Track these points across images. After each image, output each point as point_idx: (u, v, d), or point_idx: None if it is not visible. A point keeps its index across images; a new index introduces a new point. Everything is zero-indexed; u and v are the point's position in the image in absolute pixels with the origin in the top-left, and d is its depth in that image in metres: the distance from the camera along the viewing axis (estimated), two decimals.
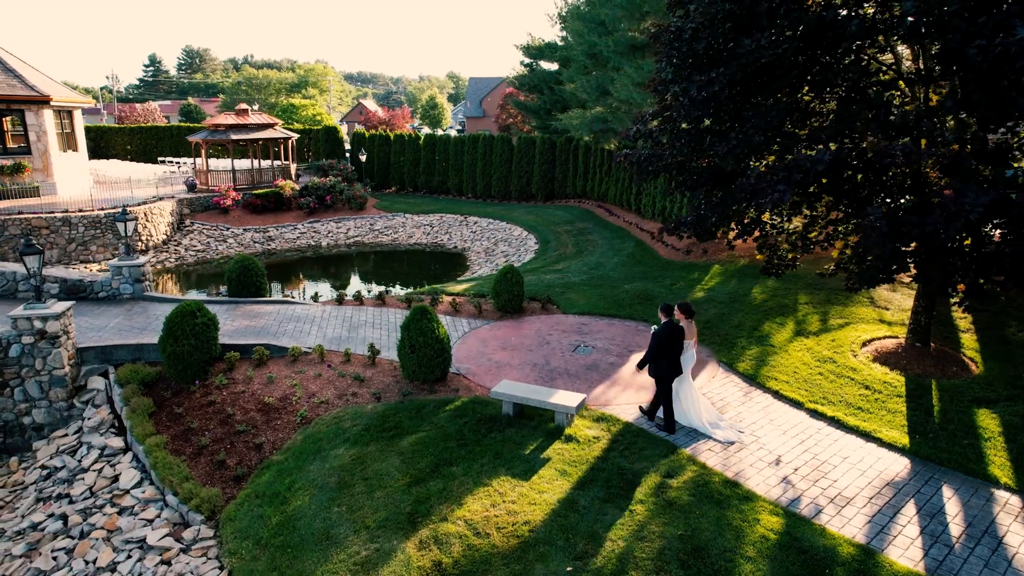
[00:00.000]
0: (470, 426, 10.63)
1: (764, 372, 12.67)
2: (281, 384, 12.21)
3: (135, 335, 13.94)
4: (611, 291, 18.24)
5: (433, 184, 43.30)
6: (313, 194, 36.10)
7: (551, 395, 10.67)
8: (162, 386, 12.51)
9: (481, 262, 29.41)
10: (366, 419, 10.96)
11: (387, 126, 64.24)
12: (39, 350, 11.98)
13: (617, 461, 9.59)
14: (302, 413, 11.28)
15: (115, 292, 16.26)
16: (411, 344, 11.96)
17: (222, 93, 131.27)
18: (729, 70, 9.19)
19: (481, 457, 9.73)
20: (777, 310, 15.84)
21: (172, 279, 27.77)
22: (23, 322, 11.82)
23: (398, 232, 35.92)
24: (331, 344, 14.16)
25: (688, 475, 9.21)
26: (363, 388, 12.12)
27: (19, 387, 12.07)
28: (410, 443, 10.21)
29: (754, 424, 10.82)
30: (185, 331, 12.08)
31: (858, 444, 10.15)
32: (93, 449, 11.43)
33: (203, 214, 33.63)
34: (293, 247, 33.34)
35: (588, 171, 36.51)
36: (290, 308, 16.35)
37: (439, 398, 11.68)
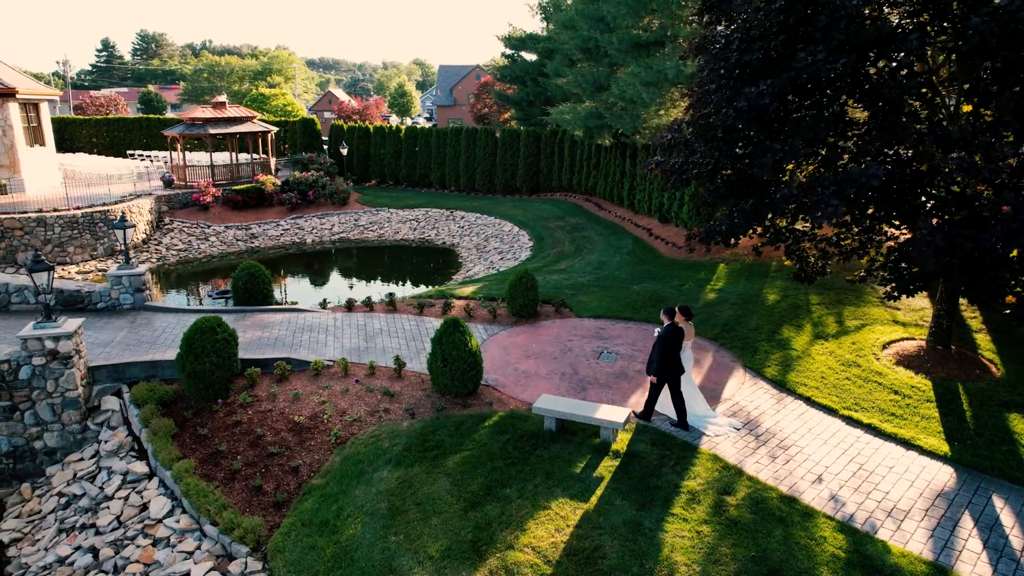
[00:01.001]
0: (513, 443, 10.45)
1: (792, 378, 12.74)
2: (309, 401, 11.84)
3: (146, 351, 13.37)
4: (621, 292, 18.17)
5: (415, 177, 42.71)
6: (295, 189, 35.26)
7: (595, 410, 10.55)
8: (181, 405, 12.02)
9: (474, 259, 29.11)
10: (405, 438, 10.69)
11: (360, 116, 63.03)
12: (51, 371, 11.38)
13: (670, 477, 9.53)
14: (336, 432, 10.95)
15: (115, 303, 15.57)
16: (443, 357, 11.71)
17: (182, 80, 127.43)
18: (779, 82, 9.10)
19: (533, 477, 9.57)
20: (792, 311, 15.96)
21: (155, 280, 26.82)
22: (33, 342, 11.20)
23: (384, 228, 35.34)
24: (350, 355, 13.80)
25: (744, 491, 9.20)
26: (394, 404, 11.82)
27: (30, 410, 11.46)
28: (456, 463, 9.99)
29: (794, 434, 10.87)
30: (206, 348, 11.61)
31: (900, 453, 10.26)
32: (115, 475, 10.93)
33: (182, 211, 32.58)
34: (277, 245, 32.56)
35: (575, 165, 36.40)
36: (300, 316, 15.89)
37: (475, 413, 11.46)
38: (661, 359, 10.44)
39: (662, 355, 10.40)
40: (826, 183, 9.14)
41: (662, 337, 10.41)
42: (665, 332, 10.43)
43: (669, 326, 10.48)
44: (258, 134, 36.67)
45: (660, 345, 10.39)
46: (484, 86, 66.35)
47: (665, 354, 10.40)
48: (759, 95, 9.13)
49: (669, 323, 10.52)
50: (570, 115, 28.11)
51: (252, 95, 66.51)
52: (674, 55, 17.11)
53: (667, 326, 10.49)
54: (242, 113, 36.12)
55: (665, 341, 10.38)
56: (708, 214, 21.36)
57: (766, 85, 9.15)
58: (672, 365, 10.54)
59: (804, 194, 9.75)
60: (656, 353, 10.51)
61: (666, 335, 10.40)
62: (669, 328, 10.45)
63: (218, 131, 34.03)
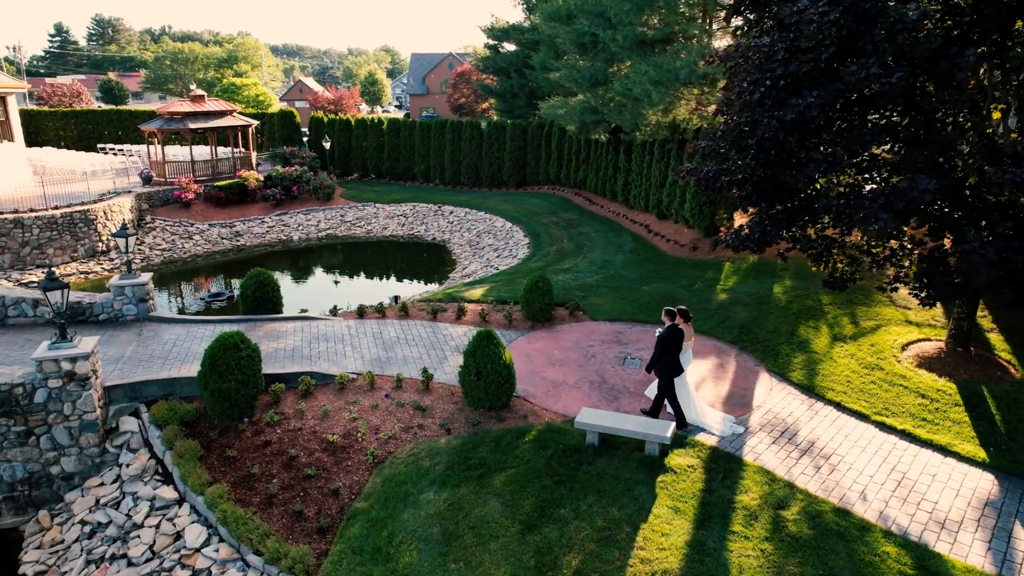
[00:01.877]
0: (557, 459, 10.31)
1: (819, 382, 12.82)
2: (339, 418, 11.53)
3: (160, 367, 12.86)
4: (632, 294, 18.11)
5: (398, 171, 42.03)
6: (279, 185, 34.40)
7: (640, 424, 10.46)
8: (204, 425, 11.59)
9: (468, 256, 28.79)
10: (445, 456, 10.47)
11: (335, 107, 61.83)
12: (68, 393, 10.85)
13: (722, 492, 9.50)
14: (372, 451, 10.67)
15: (118, 314, 14.96)
16: (478, 371, 11.50)
17: (144, 68, 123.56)
18: (827, 93, 9.03)
19: (585, 496, 9.45)
20: (806, 312, 16.09)
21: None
22: (49, 364, 10.65)
23: (371, 223, 34.73)
24: (371, 366, 13.49)
25: (797, 505, 9.21)
26: (427, 419, 11.58)
27: (46, 435, 10.93)
28: (502, 482, 9.82)
29: (832, 441, 10.94)
30: (230, 366, 11.19)
31: (938, 460, 10.39)
32: (141, 501, 10.50)
33: (163, 209, 31.54)
34: (263, 242, 31.75)
35: (563, 158, 36.18)
36: (312, 325, 15.47)
37: (511, 427, 11.29)
38: (658, 356, 10.87)
39: (662, 354, 10.81)
40: (874, 196, 9.13)
41: (663, 337, 10.81)
42: (666, 332, 10.82)
43: (670, 327, 10.85)
44: (238, 128, 35.62)
45: (661, 344, 10.78)
46: (462, 75, 65.68)
47: (665, 354, 10.80)
48: (808, 107, 9.06)
49: (670, 324, 10.88)
50: (563, 109, 27.86)
51: (223, 85, 64.66)
52: (684, 55, 17.01)
53: (668, 327, 10.87)
54: (222, 107, 35.03)
55: (666, 341, 10.76)
56: (711, 212, 21.43)
57: (814, 97, 9.08)
58: (671, 364, 10.92)
59: (847, 204, 9.73)
60: (656, 352, 10.89)
61: (667, 335, 10.80)
62: (670, 329, 10.83)
63: (199, 125, 32.95)
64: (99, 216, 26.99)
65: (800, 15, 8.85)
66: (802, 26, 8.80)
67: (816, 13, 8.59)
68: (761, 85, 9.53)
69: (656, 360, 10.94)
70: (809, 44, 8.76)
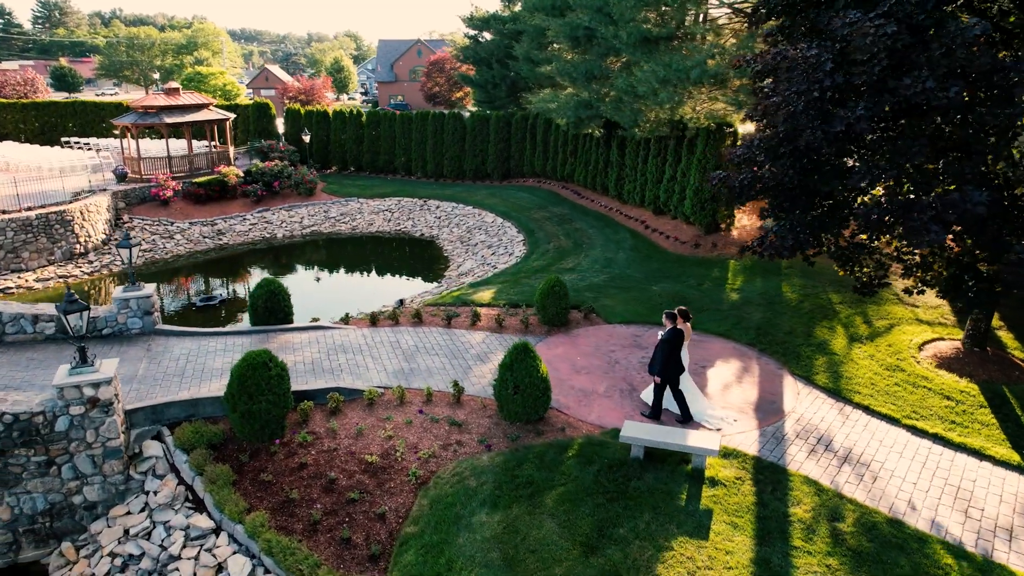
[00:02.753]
0: (605, 474, 10.22)
1: (844, 386, 12.97)
2: (374, 437, 11.23)
3: (177, 386, 12.36)
4: (642, 294, 18.09)
5: (379, 164, 41.26)
6: (260, 180, 33.46)
7: (686, 437, 10.43)
8: (233, 447, 11.18)
9: (460, 253, 28.43)
10: (491, 475, 10.29)
11: (307, 97, 60.38)
12: (90, 420, 10.33)
13: (776, 505, 9.53)
14: (414, 472, 10.42)
15: (122, 328, 14.32)
16: (515, 385, 11.32)
17: (97, 53, 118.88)
18: (876, 105, 9.02)
19: (640, 513, 9.38)
20: (818, 312, 16.27)
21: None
22: (71, 391, 10.12)
23: (356, 219, 34.06)
24: (396, 378, 13.19)
25: (851, 516, 9.29)
26: (465, 435, 11.37)
27: (67, 464, 10.40)
28: (555, 501, 9.69)
29: (868, 447, 11.06)
30: (260, 386, 10.80)
31: (975, 464, 10.60)
32: (174, 530, 10.09)
33: (141, 207, 30.42)
34: (246, 240, 30.87)
35: (548, 150, 35.95)
36: (326, 335, 15.06)
37: (551, 441, 11.15)
38: (665, 360, 11.13)
39: (666, 356, 11.10)
40: (922, 207, 9.18)
41: (666, 340, 11.10)
42: (669, 335, 11.12)
43: (671, 329, 11.14)
44: (214, 122, 34.48)
45: (665, 347, 11.07)
46: (435, 64, 64.78)
47: (669, 355, 11.13)
48: (858, 119, 9.04)
49: (671, 326, 11.15)
50: (556, 103, 27.58)
51: (188, 74, 62.54)
52: (694, 54, 16.91)
53: (670, 329, 11.16)
54: (198, 100, 33.84)
55: (669, 344, 11.09)
56: (712, 210, 21.50)
57: (864, 109, 9.06)
58: (676, 365, 11.29)
59: (890, 214, 9.77)
60: (660, 354, 11.17)
61: (670, 338, 11.11)
62: (672, 332, 11.13)
63: (174, 120, 31.79)
64: (76, 217, 25.90)
65: (853, 28, 8.79)
66: (855, 39, 8.74)
67: (872, 26, 8.54)
68: (807, 96, 9.47)
69: (663, 363, 11.18)
70: (863, 57, 8.71)
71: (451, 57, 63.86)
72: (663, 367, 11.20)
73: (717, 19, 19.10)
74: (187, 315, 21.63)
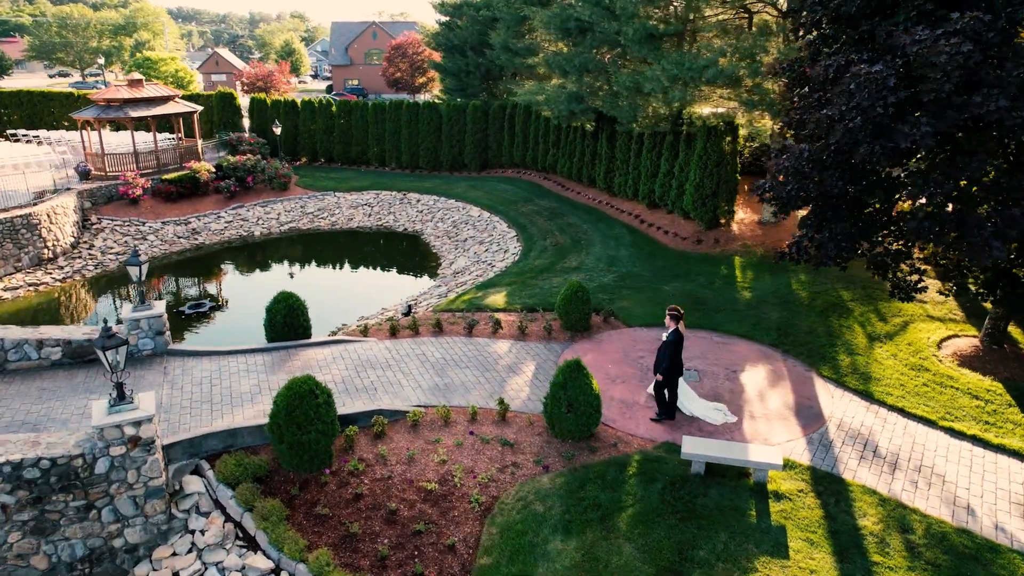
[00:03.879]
0: (670, 492, 10.20)
1: (875, 388, 13.24)
2: (427, 462, 10.92)
3: (208, 414, 11.75)
4: (656, 295, 18.09)
5: (351, 155, 40.17)
6: (233, 176, 32.14)
7: (748, 451, 10.48)
8: (279, 479, 10.70)
9: (449, 249, 27.96)
10: (555, 498, 10.14)
11: (264, 83, 58.21)
12: (132, 460, 9.70)
13: (844, 519, 9.67)
14: (476, 498, 10.18)
15: (133, 350, 13.53)
16: (569, 403, 11.16)
17: (24, 33, 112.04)
18: (941, 122, 9.09)
19: (715, 533, 9.38)
20: (833, 310, 16.57)
21: (106, 291, 23.71)
22: (112, 431, 9.46)
23: (335, 214, 33.14)
24: (432, 395, 12.86)
25: (919, 527, 9.49)
26: (518, 455, 11.16)
27: (108, 507, 9.76)
28: (627, 524, 9.61)
29: (913, 452, 11.33)
30: (308, 415, 10.34)
31: (1018, 466, 10.95)
32: (230, 572, 9.60)
33: (109, 207, 28.88)
34: (222, 239, 29.69)
35: (528, 140, 35.61)
36: (348, 349, 14.57)
37: (607, 459, 11.06)
38: (672, 361, 11.56)
39: (672, 358, 11.53)
40: (980, 222, 9.34)
41: (671, 342, 11.51)
42: (673, 337, 11.52)
43: (675, 332, 11.53)
44: (181, 115, 32.88)
45: (669, 349, 11.49)
46: (397, 49, 63.28)
47: (674, 357, 11.53)
48: (923, 136, 9.10)
49: (675, 328, 11.53)
50: (543, 95, 27.22)
51: (136, 60, 59.43)
52: (704, 52, 16.81)
53: (674, 331, 11.54)
54: (162, 92, 32.16)
55: (675, 346, 11.52)
56: (713, 205, 21.63)
57: (928, 125, 9.12)
58: (679, 366, 11.70)
59: (946, 227, 9.91)
60: (666, 356, 11.57)
61: (674, 340, 11.51)
62: (676, 334, 11.53)
63: (140, 114, 30.14)
64: (43, 220, 24.41)
65: (923, 45, 8.79)
66: (928, 56, 8.74)
67: (947, 45, 8.57)
68: (870, 112, 9.46)
69: (670, 363, 11.57)
70: (936, 75, 8.73)
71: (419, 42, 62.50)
72: (671, 367, 11.59)
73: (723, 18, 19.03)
74: (177, 325, 20.64)
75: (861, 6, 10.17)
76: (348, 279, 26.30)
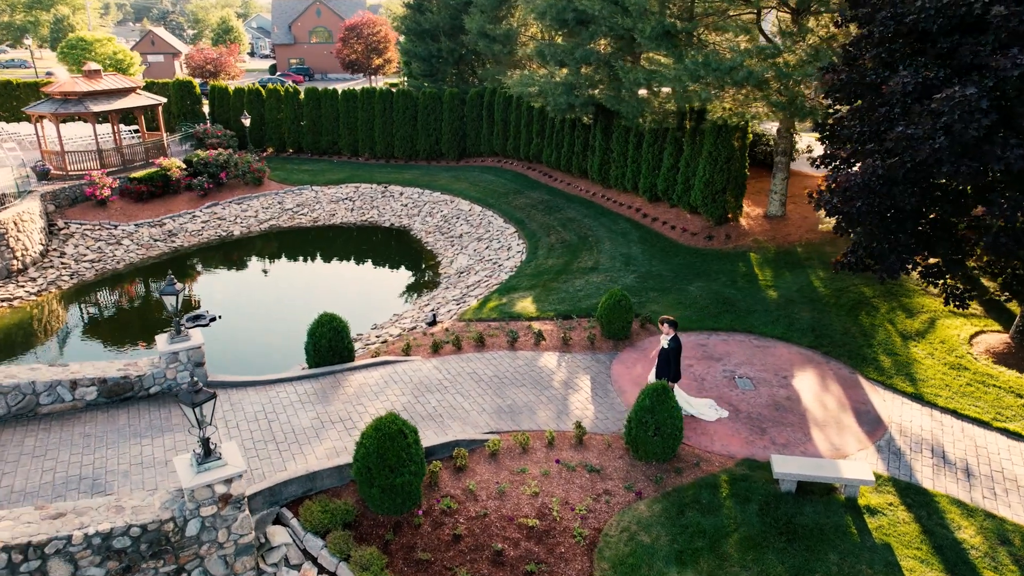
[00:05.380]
0: (768, 512, 10.28)
1: (922, 389, 13.64)
2: (517, 495, 10.64)
3: (276, 455, 11.10)
4: (683, 296, 18.14)
5: (321, 145, 38.70)
6: (205, 172, 30.47)
7: (840, 468, 10.64)
8: (369, 523, 10.22)
9: (445, 247, 27.33)
10: (658, 526, 10.06)
11: (214, 67, 55.22)
12: (222, 519, 9.07)
13: (942, 532, 9.94)
14: (578, 531, 10.00)
15: (172, 384, 12.64)
16: (656, 426, 11.07)
17: None
18: None
19: (825, 554, 9.51)
20: (859, 307, 16.96)
21: (89, 305, 22.14)
22: (203, 491, 8.80)
23: (315, 210, 31.92)
24: (498, 419, 12.55)
25: (1017, 539, 9.83)
26: (607, 481, 11.01)
27: (198, 568, 9.12)
28: (736, 549, 9.63)
29: (980, 456, 11.74)
30: (401, 457, 9.89)
31: None
32: None
33: (75, 210, 26.95)
34: (201, 240, 28.21)
35: (509, 129, 35.02)
36: (397, 370, 14.04)
37: (695, 480, 11.05)
38: (677, 368, 12.11)
39: (677, 364, 12.08)
40: None
41: (673, 350, 11.96)
42: (674, 345, 11.97)
43: (675, 339, 11.96)
44: (144, 108, 30.84)
45: (673, 357, 11.98)
46: (352, 29, 60.93)
47: (678, 364, 12.09)
48: (1017, 159, 9.26)
49: (674, 335, 11.96)
50: (538, 87, 26.67)
51: (69, 41, 55.32)
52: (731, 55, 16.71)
53: (674, 337, 11.96)
54: (122, 83, 30.01)
55: (677, 353, 12.03)
56: (723, 201, 21.77)
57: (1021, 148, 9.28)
58: (678, 372, 12.24)
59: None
60: (670, 362, 12.07)
61: (676, 348, 11.99)
62: (676, 341, 11.99)
63: (102, 108, 28.08)
64: (9, 229, 22.57)
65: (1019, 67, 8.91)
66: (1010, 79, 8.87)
67: None
68: (962, 135, 9.54)
69: (674, 370, 12.09)
70: None
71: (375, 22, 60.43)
72: (675, 374, 12.09)
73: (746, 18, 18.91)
74: None
75: (942, 24, 10.24)
76: (345, 281, 25.36)
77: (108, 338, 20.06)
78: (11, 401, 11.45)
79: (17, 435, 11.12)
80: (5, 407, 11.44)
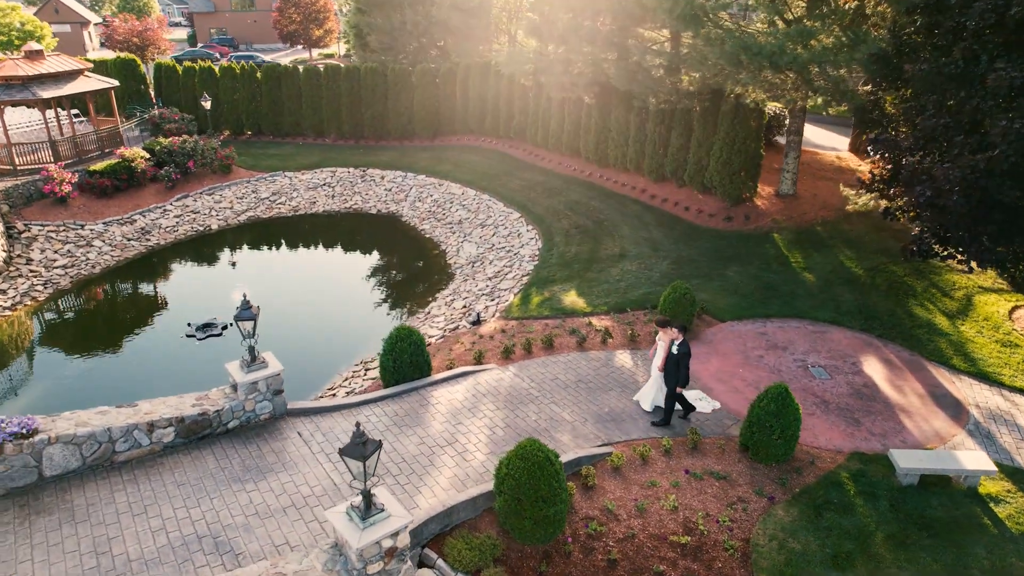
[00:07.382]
0: (899, 508, 10.52)
1: (984, 368, 14.25)
2: (659, 511, 10.41)
3: (399, 490, 10.39)
4: (725, 283, 18.20)
5: (283, 126, 36.49)
6: (172, 162, 28.13)
7: (963, 460, 10.95)
8: (516, 555, 9.74)
9: (446, 234, 26.37)
10: (803, 532, 10.08)
11: (140, 40, 50.78)
12: (387, 573, 8.41)
13: None
14: (728, 544, 9.90)
15: (251, 416, 11.59)
16: (781, 430, 11.06)
17: None
18: None
19: (971, 549, 9.80)
20: (896, 288, 17.51)
21: (74, 318, 20.11)
22: (371, 548, 8.08)
23: (293, 198, 30.17)
24: (602, 428, 12.23)
25: None
26: (737, 488, 10.94)
27: None
28: (886, 549, 9.78)
29: None
30: (552, 487, 9.44)
31: None
32: None
33: (32, 209, 24.32)
34: (177, 237, 26.15)
35: (487, 106, 34.05)
36: (478, 381, 13.43)
37: (817, 480, 11.15)
38: (686, 371, 11.88)
39: (686, 369, 11.84)
40: None
41: (684, 353, 11.76)
42: (686, 349, 11.78)
43: (684, 343, 11.80)
44: (96, 92, 28.01)
45: (683, 360, 11.77)
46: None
47: (687, 368, 11.87)
48: None
49: (683, 339, 11.80)
50: (529, 65, 25.88)
51: None
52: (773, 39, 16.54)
53: (682, 343, 11.79)
54: (68, 65, 27.05)
55: (687, 356, 11.80)
56: (740, 181, 21.89)
57: None
58: (688, 376, 12.00)
59: None
60: (681, 367, 11.83)
61: (687, 351, 11.79)
62: (686, 345, 11.81)
63: (51, 94, 25.25)
64: None
65: None
66: None
67: None
68: None
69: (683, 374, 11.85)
70: None
71: None
72: (684, 378, 11.87)
73: None
74: (192, 351, 18.02)
75: None
76: (350, 275, 24.04)
77: (112, 350, 18.29)
78: (87, 452, 10.20)
79: (103, 490, 9.93)
80: (80, 459, 10.17)
